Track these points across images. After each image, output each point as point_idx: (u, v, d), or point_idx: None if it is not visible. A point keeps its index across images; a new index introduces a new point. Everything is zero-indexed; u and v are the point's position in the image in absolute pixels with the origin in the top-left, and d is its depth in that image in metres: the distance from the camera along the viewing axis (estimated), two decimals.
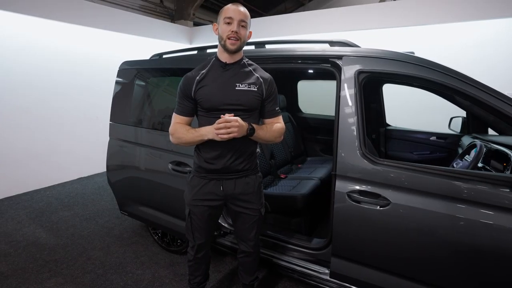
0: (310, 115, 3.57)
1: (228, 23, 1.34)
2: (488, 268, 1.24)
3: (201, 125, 1.45)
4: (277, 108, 1.51)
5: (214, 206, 1.52)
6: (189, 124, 1.48)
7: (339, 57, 1.60)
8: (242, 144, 1.42)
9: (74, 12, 4.04)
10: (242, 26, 1.35)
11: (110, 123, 2.54)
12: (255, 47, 1.95)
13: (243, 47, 1.41)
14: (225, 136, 1.28)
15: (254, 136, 1.40)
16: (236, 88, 1.39)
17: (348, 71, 1.56)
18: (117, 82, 2.54)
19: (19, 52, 3.67)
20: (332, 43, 1.72)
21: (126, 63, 2.53)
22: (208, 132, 1.35)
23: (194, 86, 1.40)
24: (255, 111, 1.45)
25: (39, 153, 3.96)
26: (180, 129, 1.43)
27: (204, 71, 1.43)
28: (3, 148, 3.62)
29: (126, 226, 2.91)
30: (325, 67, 1.68)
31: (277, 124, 1.49)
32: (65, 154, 4.25)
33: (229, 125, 1.27)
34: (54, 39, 4.01)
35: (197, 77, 1.41)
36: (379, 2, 6.32)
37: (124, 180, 2.44)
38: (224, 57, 1.41)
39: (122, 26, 4.72)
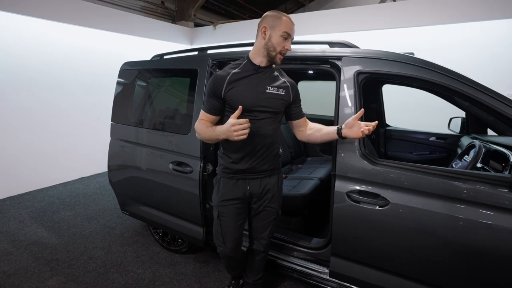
0: (310, 115, 3.58)
1: (286, 38, 1.37)
2: (487, 268, 1.25)
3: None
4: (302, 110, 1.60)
5: (242, 204, 1.54)
6: (215, 123, 1.47)
7: (339, 58, 1.61)
8: (267, 145, 1.46)
9: (76, 13, 4.06)
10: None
11: (111, 123, 2.55)
12: None
13: None
14: (242, 137, 1.26)
15: (333, 139, 1.48)
16: (267, 91, 1.42)
17: (348, 72, 1.57)
18: (118, 83, 2.55)
19: (22, 53, 3.70)
20: (331, 44, 1.73)
21: (127, 63, 2.54)
22: (222, 132, 1.33)
23: (225, 85, 1.40)
24: (280, 114, 1.50)
25: (41, 153, 3.98)
26: (202, 125, 1.44)
27: (234, 71, 1.43)
28: (5, 148, 3.64)
29: (127, 225, 2.92)
30: (325, 68, 1.69)
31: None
32: (66, 154, 4.27)
33: (243, 126, 1.26)
34: (56, 40, 4.04)
35: (228, 77, 1.41)
36: (379, 3, 6.33)
37: (125, 180, 2.45)
38: (259, 61, 1.43)
39: (123, 27, 4.74)
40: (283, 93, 1.46)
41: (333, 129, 1.46)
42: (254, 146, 1.41)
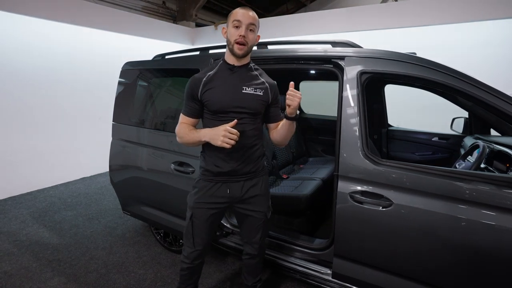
0: (312, 115, 3.58)
1: (237, 26, 1.33)
2: (490, 269, 1.24)
3: (206, 127, 1.44)
4: (281, 113, 1.53)
5: (218, 208, 1.51)
6: (195, 126, 1.48)
7: (342, 57, 1.60)
8: (248, 146, 1.43)
9: (77, 13, 4.06)
10: (251, 30, 1.35)
11: (112, 124, 2.55)
12: (257, 48, 1.95)
13: (250, 51, 1.41)
14: (226, 145, 1.28)
15: (290, 126, 1.41)
16: (243, 91, 1.39)
17: (351, 72, 1.56)
18: (119, 83, 2.55)
19: (23, 53, 3.70)
20: (334, 44, 1.72)
21: (128, 63, 2.54)
22: (205, 134, 1.35)
23: (200, 87, 1.39)
24: (259, 115, 1.46)
25: (42, 153, 3.98)
26: (184, 129, 1.44)
27: (211, 72, 1.42)
28: (7, 148, 3.65)
29: (128, 226, 2.92)
30: (328, 68, 1.68)
31: None
32: (68, 154, 4.27)
33: (233, 137, 1.28)
34: (58, 40, 4.04)
35: (204, 79, 1.40)
36: (381, 2, 6.32)
37: (126, 180, 2.45)
38: (232, 60, 1.41)
39: (124, 27, 4.74)
40: (261, 94, 1.42)
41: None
42: (235, 147, 1.34)
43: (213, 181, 1.47)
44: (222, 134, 1.28)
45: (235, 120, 1.32)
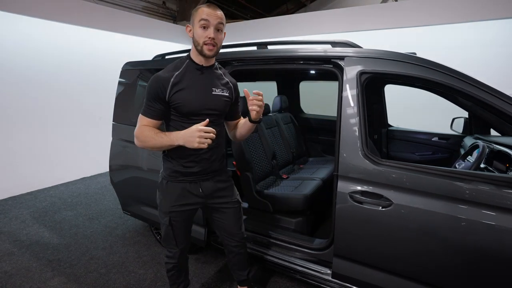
0: (312, 115, 3.58)
1: (204, 27, 1.28)
2: (490, 269, 1.24)
3: (173, 129, 1.39)
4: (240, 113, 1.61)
5: (194, 208, 1.53)
6: (158, 128, 1.39)
7: (341, 57, 1.60)
8: (216, 146, 1.44)
9: (77, 14, 4.07)
10: (219, 30, 1.31)
11: (113, 124, 2.55)
12: (257, 48, 1.95)
13: (219, 51, 1.39)
14: (203, 145, 1.25)
15: (252, 128, 1.47)
16: (213, 92, 1.39)
17: (350, 72, 1.56)
18: (120, 83, 2.55)
19: (24, 54, 3.71)
20: (334, 44, 1.72)
21: (129, 63, 2.54)
22: (178, 138, 1.30)
23: (169, 88, 1.31)
24: (224, 114, 1.49)
25: (42, 153, 3.99)
26: (148, 132, 1.34)
27: (177, 72, 1.35)
28: (7, 148, 3.65)
29: (128, 225, 2.92)
30: (327, 68, 1.68)
31: None
32: (68, 154, 4.28)
33: (210, 136, 1.26)
34: (58, 40, 4.05)
35: (172, 79, 1.33)
36: (381, 2, 6.31)
37: (126, 180, 2.45)
38: (200, 60, 1.38)
39: (125, 27, 4.75)
40: (228, 94, 1.44)
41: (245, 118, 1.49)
42: (206, 148, 1.31)
43: (184, 181, 1.46)
44: (198, 135, 1.24)
45: (207, 120, 1.30)
